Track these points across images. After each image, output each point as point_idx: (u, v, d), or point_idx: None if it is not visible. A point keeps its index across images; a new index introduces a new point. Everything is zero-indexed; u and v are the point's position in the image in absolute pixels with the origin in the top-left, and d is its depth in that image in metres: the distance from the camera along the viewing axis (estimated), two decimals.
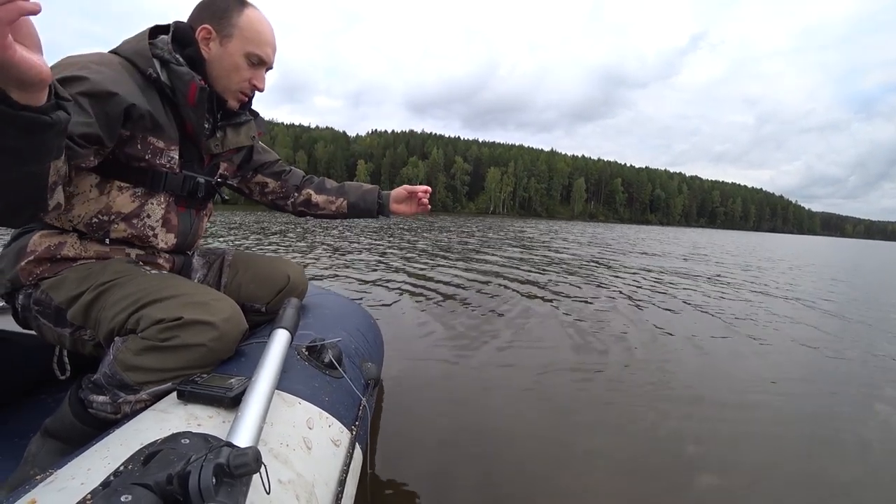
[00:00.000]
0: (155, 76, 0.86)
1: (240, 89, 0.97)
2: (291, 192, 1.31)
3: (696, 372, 2.15)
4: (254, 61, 0.95)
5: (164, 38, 0.89)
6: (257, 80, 0.98)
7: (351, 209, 1.32)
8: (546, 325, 2.83)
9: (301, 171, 1.35)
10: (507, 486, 1.19)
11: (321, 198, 1.32)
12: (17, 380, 1.20)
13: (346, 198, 1.32)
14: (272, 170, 1.28)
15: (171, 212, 0.97)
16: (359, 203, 1.32)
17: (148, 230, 0.94)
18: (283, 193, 1.30)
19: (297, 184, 1.31)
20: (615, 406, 1.72)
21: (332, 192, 1.32)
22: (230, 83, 0.95)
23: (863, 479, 1.36)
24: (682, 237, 21.36)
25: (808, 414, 1.77)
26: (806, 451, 1.49)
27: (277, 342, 0.78)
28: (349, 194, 1.32)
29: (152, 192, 0.92)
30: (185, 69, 0.88)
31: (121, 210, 0.89)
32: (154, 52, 0.87)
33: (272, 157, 1.28)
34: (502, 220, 35.35)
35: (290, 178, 1.31)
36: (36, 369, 1.25)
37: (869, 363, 2.48)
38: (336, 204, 1.32)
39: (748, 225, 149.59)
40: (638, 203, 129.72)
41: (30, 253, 0.84)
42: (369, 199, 1.32)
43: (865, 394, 2.01)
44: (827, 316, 3.79)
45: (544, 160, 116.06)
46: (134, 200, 0.90)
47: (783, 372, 2.23)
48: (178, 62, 0.88)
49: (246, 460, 0.46)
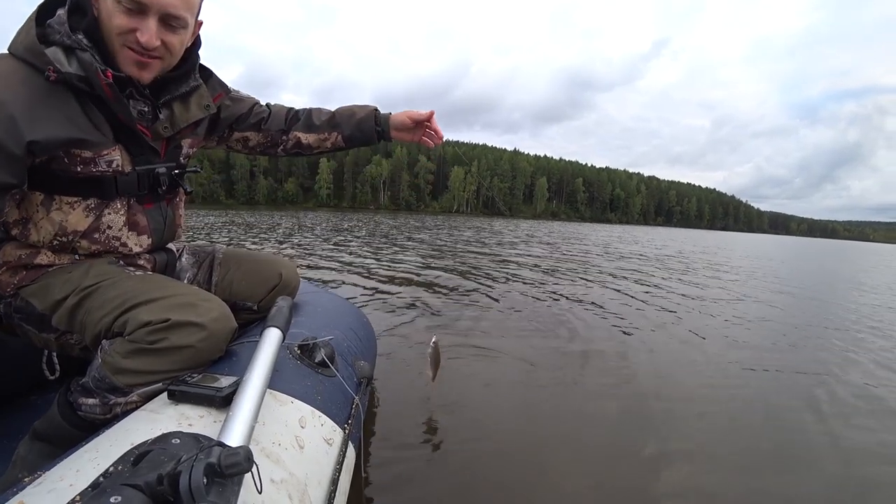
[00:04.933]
0: (55, 77, 0.71)
1: (125, 44, 0.75)
2: (278, 138, 1.17)
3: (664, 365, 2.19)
4: (128, 5, 0.72)
5: (60, 15, 0.73)
6: (140, 31, 0.74)
7: (348, 142, 1.19)
8: (542, 321, 2.84)
9: (283, 110, 1.19)
10: (499, 482, 1.20)
11: (312, 137, 1.18)
12: (6, 381, 1.18)
13: (340, 131, 1.18)
14: (249, 122, 1.13)
15: (135, 214, 0.89)
16: (355, 135, 1.18)
17: (114, 241, 0.87)
18: (269, 142, 1.18)
19: (281, 128, 1.16)
20: (611, 401, 1.74)
21: (322, 127, 1.18)
22: (111, 41, 0.75)
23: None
24: (642, 236, 21.67)
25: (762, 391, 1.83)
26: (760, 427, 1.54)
27: (269, 341, 0.78)
28: (343, 127, 1.18)
29: (105, 202, 0.83)
30: (87, 57, 0.72)
31: (76, 228, 0.81)
32: (53, 40, 0.71)
33: (245, 107, 1.12)
34: (468, 219, 35.85)
35: (272, 125, 1.16)
36: (25, 370, 1.22)
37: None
38: (330, 140, 1.19)
39: (702, 223, 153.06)
40: (598, 202, 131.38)
41: (3, 265, 0.81)
42: (366, 128, 1.17)
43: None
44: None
45: (507, 160, 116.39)
46: (88, 215, 0.82)
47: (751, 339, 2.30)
48: (80, 46, 0.72)
49: (237, 460, 0.46)
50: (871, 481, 1.35)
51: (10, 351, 1.10)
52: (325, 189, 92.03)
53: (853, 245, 59.52)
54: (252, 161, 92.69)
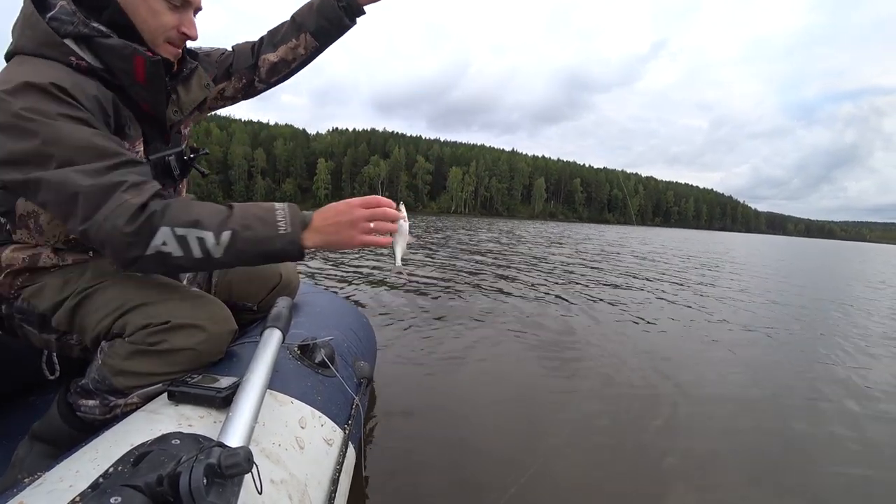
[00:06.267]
0: (86, 64, 0.71)
1: (167, 40, 0.79)
2: (251, 74, 1.09)
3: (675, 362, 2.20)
4: (175, 3, 0.76)
5: (64, 7, 0.71)
6: (186, 25, 0.79)
7: (319, 37, 1.07)
8: (540, 321, 2.84)
9: (247, 45, 1.09)
10: (500, 483, 1.20)
11: (281, 52, 1.07)
12: (5, 382, 1.18)
13: (306, 29, 1.06)
14: (219, 74, 1.05)
15: None
16: (322, 24, 1.05)
17: None
18: (244, 84, 1.10)
19: (250, 63, 1.08)
20: (609, 400, 1.74)
21: (287, 35, 1.07)
22: (154, 37, 0.77)
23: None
24: (654, 237, 21.68)
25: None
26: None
27: (269, 341, 0.78)
28: (306, 23, 1.06)
29: None
30: (119, 41, 0.73)
31: None
32: (64, 31, 0.70)
33: (212, 62, 1.04)
34: (469, 220, 35.95)
35: (239, 64, 1.07)
36: (25, 371, 1.22)
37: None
38: (301, 44, 1.07)
39: (700, 224, 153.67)
40: (596, 203, 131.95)
41: (6, 267, 0.80)
42: (329, 13, 1.04)
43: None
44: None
45: (505, 160, 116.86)
46: None
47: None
48: (102, 34, 0.72)
49: (237, 460, 0.46)
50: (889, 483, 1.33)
51: (10, 351, 1.10)
52: (324, 189, 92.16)
53: (853, 246, 59.69)
54: (250, 162, 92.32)
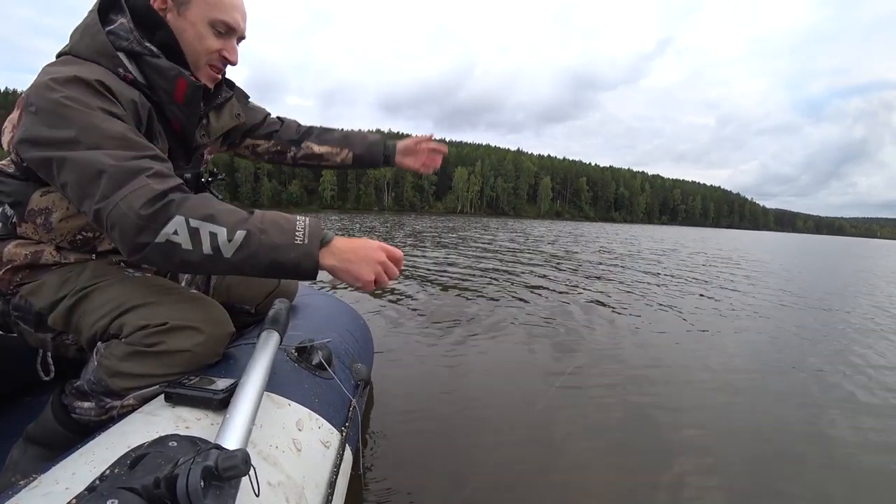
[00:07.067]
0: (132, 77, 0.76)
1: (209, 63, 0.85)
2: (288, 147, 1.24)
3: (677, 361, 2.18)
4: (221, 30, 0.83)
5: (123, 24, 0.77)
6: (228, 51, 0.85)
7: (356, 161, 1.29)
8: (540, 321, 2.84)
9: (294, 123, 1.27)
10: (500, 484, 1.20)
11: (324, 149, 1.26)
12: (1, 382, 1.18)
13: (352, 149, 1.28)
14: (261, 132, 1.19)
15: None
16: (364, 155, 1.29)
17: None
18: (278, 150, 1.23)
19: (292, 138, 1.24)
20: (601, 400, 1.74)
21: (335, 142, 1.27)
22: (197, 59, 0.83)
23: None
24: (667, 236, 21.58)
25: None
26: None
27: (266, 343, 0.78)
28: (354, 146, 1.28)
29: None
30: (166, 63, 0.78)
31: None
32: (119, 45, 0.75)
33: (259, 116, 1.18)
34: (478, 220, 35.93)
35: (283, 134, 1.22)
36: (19, 371, 1.22)
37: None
38: (341, 156, 1.28)
39: (707, 222, 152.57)
40: (602, 201, 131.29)
41: (7, 262, 0.80)
42: (375, 151, 1.29)
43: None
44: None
45: (511, 160, 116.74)
46: None
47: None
48: (152, 53, 0.78)
49: (234, 463, 0.46)
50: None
51: (5, 351, 1.10)
52: (330, 191, 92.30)
53: (865, 242, 58.71)
54: (256, 164, 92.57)
